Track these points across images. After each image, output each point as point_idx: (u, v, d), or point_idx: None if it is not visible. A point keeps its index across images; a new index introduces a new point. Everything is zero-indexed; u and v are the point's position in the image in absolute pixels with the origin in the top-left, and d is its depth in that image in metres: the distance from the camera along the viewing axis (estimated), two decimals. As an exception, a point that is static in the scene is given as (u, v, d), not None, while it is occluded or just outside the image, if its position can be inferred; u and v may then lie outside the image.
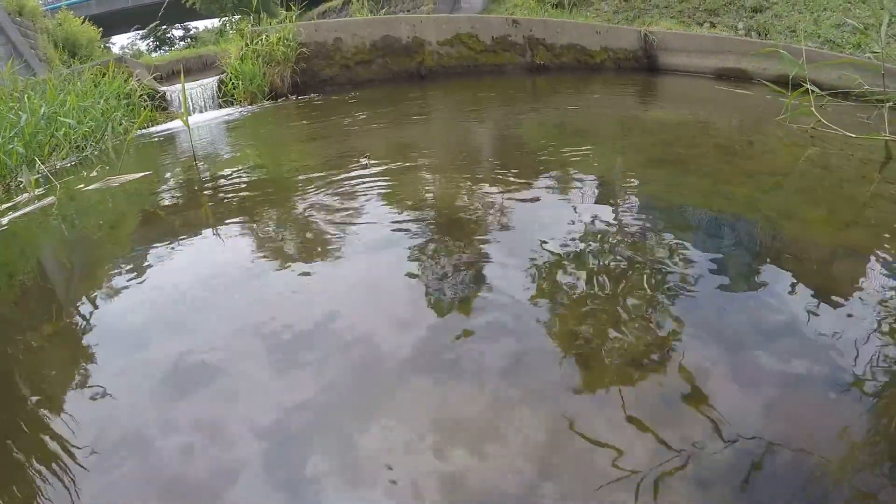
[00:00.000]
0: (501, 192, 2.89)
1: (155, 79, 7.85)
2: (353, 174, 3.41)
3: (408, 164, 3.65)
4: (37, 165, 4.26)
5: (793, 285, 1.88)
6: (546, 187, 3.01)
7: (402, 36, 8.11)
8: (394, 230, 2.46)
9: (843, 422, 1.28)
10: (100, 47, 15.90)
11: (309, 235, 2.54)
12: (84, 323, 1.98)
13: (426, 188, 3.13)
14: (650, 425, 1.29)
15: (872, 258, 2.07)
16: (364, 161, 3.74)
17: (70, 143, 5.11)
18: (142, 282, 2.24)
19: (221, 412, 1.44)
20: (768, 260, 2.11)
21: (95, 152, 5.12)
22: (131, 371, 1.66)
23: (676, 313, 1.73)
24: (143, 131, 6.31)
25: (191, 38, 31.84)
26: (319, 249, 2.38)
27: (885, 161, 3.32)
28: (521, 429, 1.31)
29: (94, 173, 4.14)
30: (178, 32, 34.17)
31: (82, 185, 3.86)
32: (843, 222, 2.48)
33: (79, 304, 2.17)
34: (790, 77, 4.56)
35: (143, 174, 4.04)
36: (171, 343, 1.78)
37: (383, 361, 1.58)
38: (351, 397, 1.46)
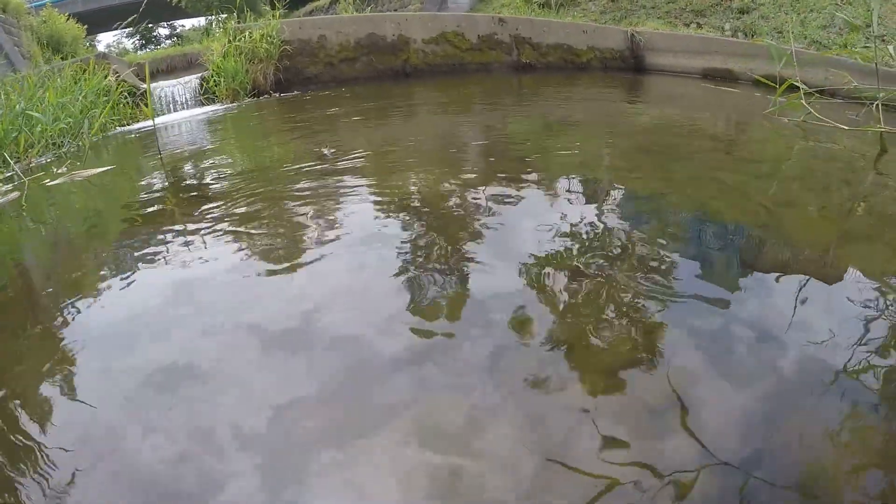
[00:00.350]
0: (485, 187, 2.81)
1: (135, 74, 7.70)
2: (334, 171, 3.32)
3: (390, 161, 3.57)
4: (10, 163, 4.14)
5: (789, 278, 1.81)
6: (531, 181, 2.94)
7: (387, 34, 8.02)
8: (377, 229, 2.38)
9: (842, 432, 1.20)
10: (85, 45, 15.69)
11: (283, 231, 2.45)
12: (46, 318, 1.88)
13: (409, 185, 3.04)
14: (633, 438, 1.20)
15: (870, 252, 2.02)
16: (326, 152, 3.66)
17: (46, 139, 4.97)
18: (102, 275, 2.15)
19: (207, 414, 1.36)
20: (765, 252, 2.05)
21: (73, 149, 5.00)
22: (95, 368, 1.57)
23: (667, 311, 1.65)
24: (122, 129, 6.17)
25: (177, 37, 31.63)
26: (296, 247, 2.28)
27: (880, 153, 3.30)
28: (499, 437, 1.23)
29: (63, 169, 4.03)
30: (164, 31, 33.97)
31: (48, 180, 3.75)
32: (839, 212, 2.44)
33: (37, 295, 2.07)
34: (777, 75, 4.55)
35: (104, 169, 3.95)
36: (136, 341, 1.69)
37: (367, 365, 1.50)
38: (336, 400, 1.38)
